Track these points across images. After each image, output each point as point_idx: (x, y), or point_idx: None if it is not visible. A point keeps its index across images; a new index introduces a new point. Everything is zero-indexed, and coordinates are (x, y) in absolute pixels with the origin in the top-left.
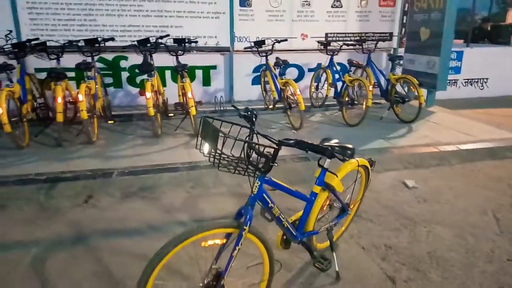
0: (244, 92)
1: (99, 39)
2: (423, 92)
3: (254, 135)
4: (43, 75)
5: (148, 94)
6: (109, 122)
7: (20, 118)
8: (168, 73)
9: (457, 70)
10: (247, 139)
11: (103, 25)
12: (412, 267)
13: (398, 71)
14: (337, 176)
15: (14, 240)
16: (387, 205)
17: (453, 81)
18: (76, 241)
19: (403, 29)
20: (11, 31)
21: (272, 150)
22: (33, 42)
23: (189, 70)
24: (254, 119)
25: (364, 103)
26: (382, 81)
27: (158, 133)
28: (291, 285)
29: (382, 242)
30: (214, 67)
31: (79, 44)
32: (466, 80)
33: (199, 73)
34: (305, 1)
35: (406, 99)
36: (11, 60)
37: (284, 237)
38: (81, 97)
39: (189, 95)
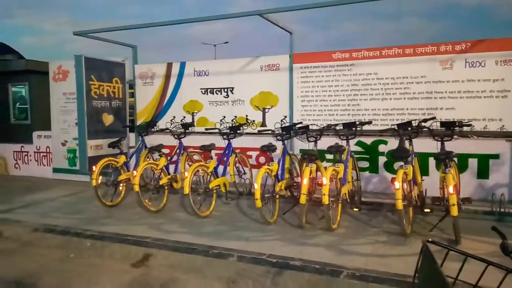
0: None
1: (357, 122)
2: None
3: None
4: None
5: (398, 184)
6: (354, 209)
7: (272, 195)
8: (432, 161)
9: None
10: None
11: (365, 109)
12: None
13: None
14: None
15: None
16: None
17: None
18: None
19: None
20: (285, 117)
21: None
22: (297, 126)
23: (460, 159)
24: None
25: None
26: None
27: (406, 231)
28: None
29: None
30: (496, 156)
31: (337, 127)
32: None
33: (473, 163)
34: None
35: None
36: (278, 141)
37: None
38: (325, 181)
39: (450, 189)
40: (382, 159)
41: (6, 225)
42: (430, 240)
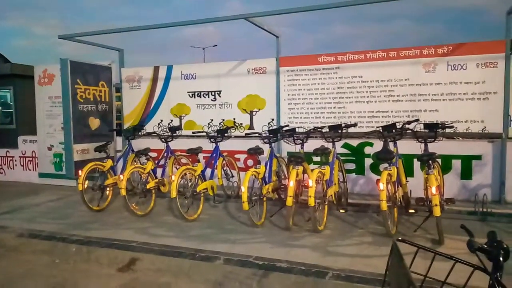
0: None
1: (343, 125)
2: None
3: None
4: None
5: (382, 185)
6: (341, 211)
7: (259, 197)
8: (417, 162)
9: None
10: None
11: (351, 112)
12: None
13: None
14: None
15: None
16: None
17: None
18: None
19: None
20: (273, 119)
21: None
22: (284, 128)
23: (444, 160)
24: (500, 258)
25: None
26: None
27: (391, 232)
28: None
29: None
30: (478, 157)
31: (323, 130)
32: None
33: (456, 164)
34: None
35: None
36: (265, 144)
37: None
38: (311, 183)
39: (433, 190)
40: (368, 161)
41: None
42: (399, 238)
